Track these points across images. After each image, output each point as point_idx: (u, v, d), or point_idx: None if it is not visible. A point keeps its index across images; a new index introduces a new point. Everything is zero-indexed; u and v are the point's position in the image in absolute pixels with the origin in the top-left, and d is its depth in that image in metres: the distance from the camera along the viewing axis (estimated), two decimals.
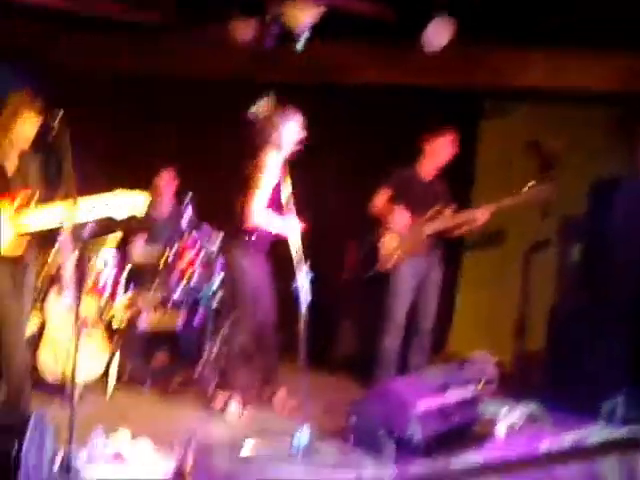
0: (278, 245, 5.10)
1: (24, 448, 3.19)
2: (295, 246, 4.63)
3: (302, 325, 4.50)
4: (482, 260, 6.63)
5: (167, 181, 6.53)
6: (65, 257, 5.01)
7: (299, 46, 5.82)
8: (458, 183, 6.22)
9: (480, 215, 5.69)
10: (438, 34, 5.72)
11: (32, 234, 4.46)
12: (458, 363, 5.99)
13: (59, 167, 3.98)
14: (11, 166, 4.48)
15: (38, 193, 4.49)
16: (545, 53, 6.08)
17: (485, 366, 6.06)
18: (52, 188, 4.57)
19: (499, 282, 6.51)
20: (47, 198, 4.48)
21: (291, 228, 4.75)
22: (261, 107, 5.07)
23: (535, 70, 6.21)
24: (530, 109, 6.63)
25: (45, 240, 5.72)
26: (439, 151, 5.80)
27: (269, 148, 5.02)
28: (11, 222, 4.35)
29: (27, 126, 4.37)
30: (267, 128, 5.06)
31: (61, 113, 3.97)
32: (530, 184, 5.67)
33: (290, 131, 5.02)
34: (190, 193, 6.13)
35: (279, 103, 5.09)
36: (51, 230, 5.13)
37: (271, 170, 4.99)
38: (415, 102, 6.57)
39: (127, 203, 4.14)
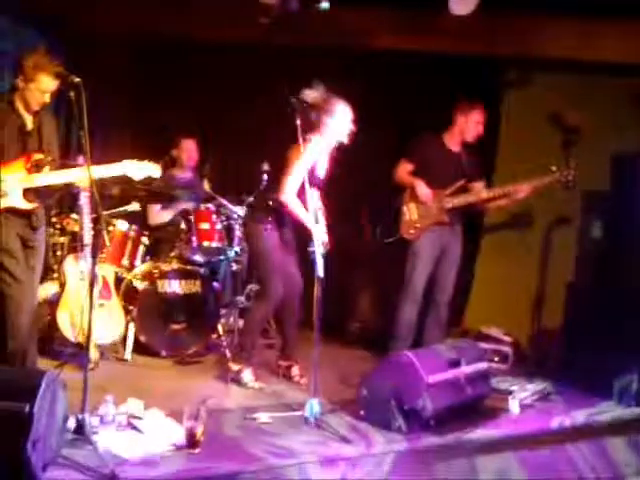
0: None
1: (35, 409, 3.20)
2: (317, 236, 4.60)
3: (317, 296, 4.46)
4: (502, 236, 6.56)
5: (185, 151, 6.55)
6: (84, 222, 5.09)
7: (324, 5, 5.77)
8: (481, 156, 6.15)
9: (522, 188, 5.61)
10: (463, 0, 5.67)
11: (41, 189, 4.50)
12: (473, 338, 5.99)
13: (76, 133, 4.01)
14: (29, 124, 4.51)
15: (51, 156, 4.53)
16: (575, 22, 5.98)
17: (500, 342, 6.07)
18: (67, 153, 4.65)
19: (518, 258, 6.44)
20: (61, 163, 4.55)
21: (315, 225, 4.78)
22: (311, 94, 5.00)
23: (565, 40, 6.12)
24: (556, 80, 6.50)
25: (64, 204, 5.86)
26: (471, 124, 5.74)
27: (314, 134, 4.98)
28: (21, 180, 4.41)
29: (44, 84, 4.36)
30: (315, 115, 5.00)
31: (78, 80, 3.99)
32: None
33: (339, 122, 4.97)
34: (208, 165, 6.15)
35: (329, 92, 5.01)
36: (71, 195, 5.26)
37: (311, 156, 4.96)
38: (438, 70, 6.51)
39: (141, 167, 4.53)
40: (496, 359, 5.98)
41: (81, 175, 4.45)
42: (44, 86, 4.36)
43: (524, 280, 6.39)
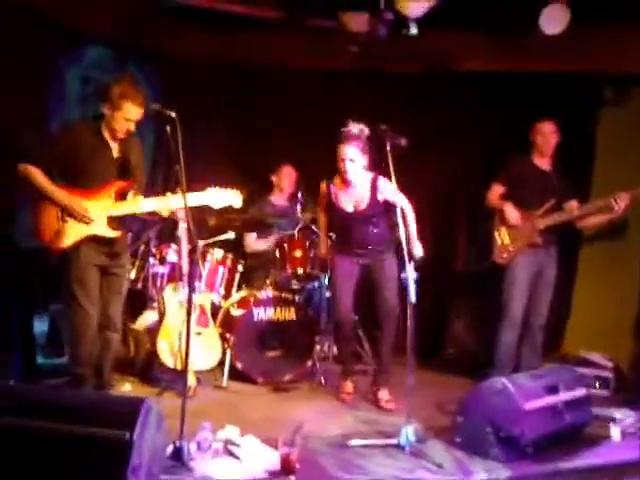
0: None
1: (135, 436, 3.29)
2: (404, 243, 4.59)
3: (410, 322, 4.45)
4: (600, 257, 6.36)
5: (285, 177, 6.66)
6: (182, 252, 5.24)
7: (413, 31, 5.80)
8: (576, 176, 6.04)
9: (621, 198, 5.43)
10: (554, 19, 5.61)
11: (126, 217, 4.71)
12: (572, 363, 5.83)
13: (167, 163, 4.14)
14: (115, 152, 4.69)
15: (137, 184, 4.72)
16: None
17: (601, 367, 5.90)
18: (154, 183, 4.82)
19: (619, 280, 6.23)
20: (148, 191, 4.75)
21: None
22: (358, 130, 5.09)
23: None
24: None
25: (164, 235, 6.04)
26: (543, 139, 5.70)
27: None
28: (107, 208, 4.59)
29: (129, 113, 4.53)
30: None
31: (174, 114, 4.13)
32: None
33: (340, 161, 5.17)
34: (301, 191, 6.24)
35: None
36: (171, 226, 5.43)
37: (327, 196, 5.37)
38: (530, 90, 6.44)
39: (224, 197, 4.73)
40: (597, 385, 5.81)
41: (166, 203, 4.60)
42: (129, 115, 4.54)
43: (625, 301, 6.16)
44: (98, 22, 6.27)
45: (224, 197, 4.75)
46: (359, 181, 5.21)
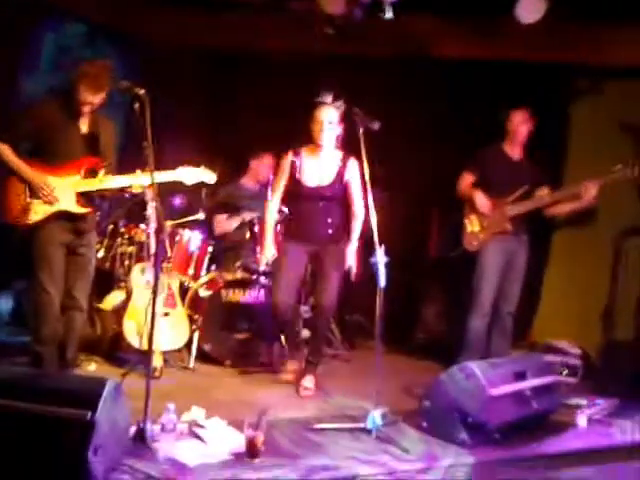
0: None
1: (97, 416, 3.23)
2: (374, 228, 4.55)
3: (378, 307, 4.42)
4: (571, 245, 6.41)
5: (265, 164, 6.59)
6: (150, 232, 5.16)
7: (388, 15, 5.75)
8: (549, 165, 6.04)
9: (589, 186, 5.43)
10: (531, 7, 5.60)
11: (94, 193, 4.66)
12: (541, 350, 5.86)
13: (138, 141, 4.08)
14: (84, 128, 4.62)
15: (107, 161, 4.66)
16: None
17: (569, 354, 5.92)
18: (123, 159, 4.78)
19: (588, 268, 6.27)
20: (115, 168, 4.70)
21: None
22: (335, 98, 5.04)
23: (636, 46, 5.96)
24: (628, 88, 6.31)
25: (132, 214, 5.98)
26: (516, 127, 5.68)
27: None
28: (75, 184, 4.54)
29: (82, 95, 4.47)
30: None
31: (142, 91, 4.07)
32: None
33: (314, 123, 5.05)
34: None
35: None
36: (139, 205, 5.36)
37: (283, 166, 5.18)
38: (507, 79, 6.43)
39: (196, 173, 4.72)
40: (565, 372, 5.82)
41: (133, 180, 4.54)
42: (83, 97, 4.49)
43: (594, 290, 6.20)
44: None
45: (196, 174, 4.72)
46: (330, 152, 5.11)
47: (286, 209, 5.53)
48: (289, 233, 5.31)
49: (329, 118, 5.00)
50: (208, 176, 4.77)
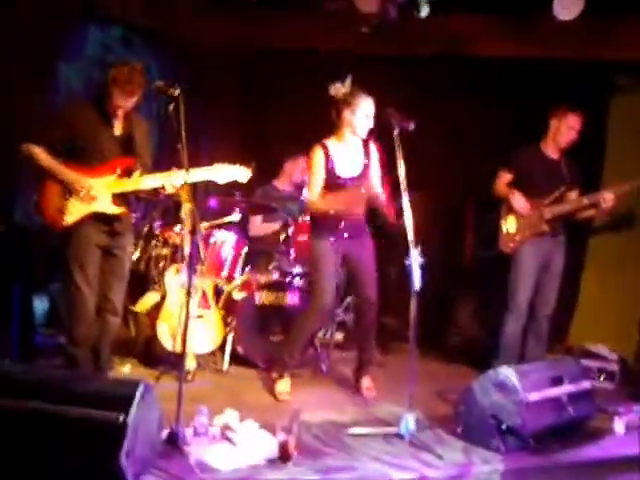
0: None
1: (130, 419, 3.24)
2: (408, 229, 4.50)
3: (413, 310, 4.38)
4: (609, 247, 6.29)
5: (299, 167, 6.57)
6: (184, 234, 5.18)
7: (423, 13, 5.71)
8: (587, 164, 5.95)
9: (606, 197, 5.41)
10: (568, 4, 5.53)
11: (130, 194, 4.68)
12: (578, 355, 5.78)
13: (172, 141, 4.09)
14: (117, 129, 4.65)
15: (142, 162, 4.67)
16: None
17: (606, 360, 5.83)
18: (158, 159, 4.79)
19: (627, 271, 6.16)
20: (150, 169, 4.70)
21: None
22: (336, 88, 4.97)
23: None
24: None
25: (168, 216, 6.00)
26: (565, 129, 5.55)
27: (335, 131, 5.02)
28: (110, 185, 4.55)
29: (116, 99, 4.48)
30: (336, 110, 4.98)
31: (178, 92, 4.07)
32: None
33: (358, 117, 4.91)
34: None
35: (356, 86, 4.95)
36: (176, 208, 5.38)
37: (321, 157, 4.96)
38: (543, 77, 6.35)
39: (230, 171, 4.63)
40: (602, 378, 5.75)
41: (169, 180, 4.54)
42: (117, 101, 4.50)
43: (632, 295, 6.09)
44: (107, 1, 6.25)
45: (230, 172, 4.66)
46: (353, 141, 5.03)
47: None
48: (321, 229, 5.08)
49: (371, 111, 4.93)
50: (243, 174, 4.72)
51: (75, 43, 6.29)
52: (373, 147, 5.06)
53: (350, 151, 5.03)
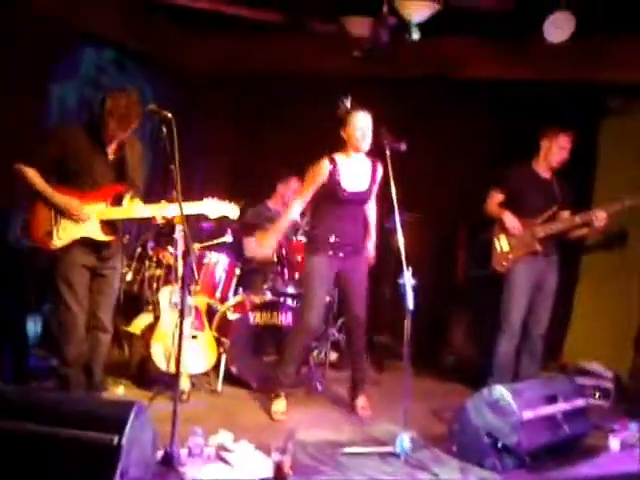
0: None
1: (124, 440, 3.23)
2: (401, 249, 4.52)
3: (407, 329, 4.38)
4: (602, 265, 6.32)
5: (290, 187, 6.59)
6: (177, 255, 5.17)
7: (415, 36, 5.76)
8: (578, 183, 5.98)
9: (599, 216, 5.44)
10: (559, 27, 5.57)
11: (118, 222, 4.67)
12: (572, 373, 5.78)
13: (165, 162, 4.09)
14: (110, 154, 4.64)
15: (134, 188, 4.67)
16: None
17: (601, 377, 5.84)
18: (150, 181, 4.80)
19: (620, 289, 6.19)
20: (142, 192, 4.71)
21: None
22: (341, 108, 5.01)
23: None
24: None
25: (161, 237, 6.00)
26: (556, 149, 5.59)
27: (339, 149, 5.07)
28: (100, 212, 4.55)
29: (111, 128, 4.48)
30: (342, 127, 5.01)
31: (170, 116, 4.08)
32: None
33: (352, 130, 4.95)
34: None
35: (354, 105, 4.98)
36: (169, 229, 5.37)
37: (318, 174, 5.00)
38: (534, 98, 6.39)
39: (220, 207, 4.71)
40: (596, 395, 5.75)
41: (159, 212, 4.56)
42: (113, 132, 4.50)
43: (625, 312, 6.11)
44: (101, 24, 6.28)
45: (220, 208, 4.72)
46: (361, 157, 5.06)
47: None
48: (316, 245, 5.09)
49: (369, 124, 4.96)
50: (232, 211, 4.76)
51: (70, 62, 6.32)
52: (380, 169, 5.07)
53: (357, 168, 5.06)
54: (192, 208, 4.58)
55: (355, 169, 5.05)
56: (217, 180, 4.80)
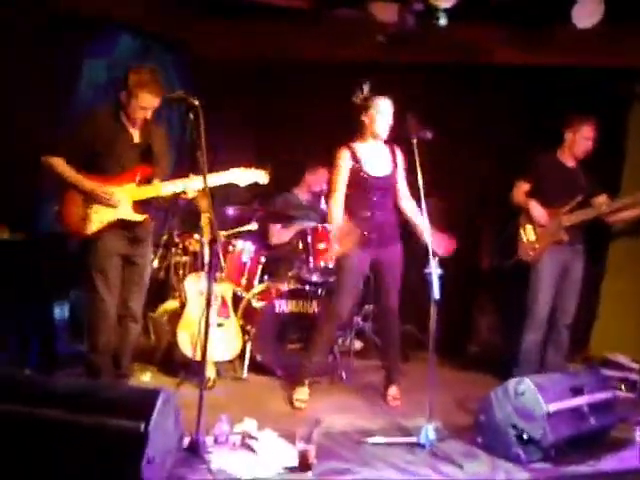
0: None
1: (150, 427, 3.25)
2: (427, 238, 4.50)
3: (432, 318, 4.37)
4: (629, 255, 6.26)
5: (320, 178, 6.59)
6: (203, 242, 5.20)
7: (442, 21, 5.71)
8: (606, 171, 5.93)
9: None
10: (588, 12, 5.51)
11: (150, 201, 4.68)
12: (599, 364, 5.74)
13: (192, 150, 4.10)
14: (136, 137, 4.68)
15: (161, 169, 4.70)
16: None
17: (628, 369, 5.79)
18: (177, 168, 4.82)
19: None
20: (169, 177, 4.71)
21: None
22: (358, 94, 4.99)
23: None
24: None
25: (187, 224, 6.02)
26: (580, 140, 5.55)
27: (357, 136, 5.04)
28: (130, 193, 4.58)
29: (145, 101, 4.51)
30: (357, 116, 4.99)
31: (197, 102, 4.09)
32: None
33: (376, 119, 4.94)
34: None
35: (374, 91, 4.95)
36: (195, 217, 5.40)
37: (345, 162, 4.96)
38: (561, 85, 6.34)
39: (249, 174, 4.72)
40: (622, 387, 5.70)
41: (189, 185, 4.57)
42: (144, 103, 4.52)
43: None
44: (124, 12, 6.28)
45: (249, 175, 4.72)
46: (381, 143, 5.04)
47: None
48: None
49: (388, 110, 4.94)
50: (261, 177, 4.76)
51: (105, 43, 6.37)
52: (400, 155, 5.06)
53: (376, 153, 5.03)
54: (221, 177, 4.62)
55: (375, 154, 5.03)
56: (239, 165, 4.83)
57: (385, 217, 5.02)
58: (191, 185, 4.58)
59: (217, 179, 4.59)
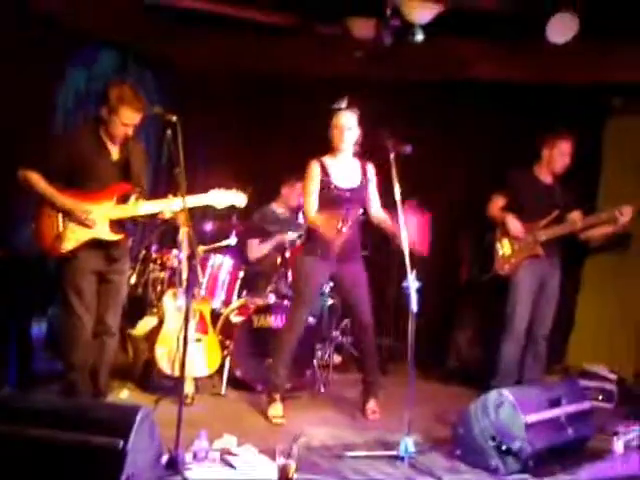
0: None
1: (129, 445, 3.23)
2: (405, 251, 4.52)
3: (410, 331, 4.39)
4: (605, 268, 6.34)
5: (295, 192, 6.58)
6: (181, 258, 5.18)
7: (418, 37, 5.76)
8: (583, 185, 5.99)
9: (624, 212, 5.38)
10: (562, 28, 5.56)
11: (127, 220, 4.67)
12: (576, 375, 5.78)
13: (170, 166, 4.10)
14: (115, 154, 4.65)
15: (139, 188, 4.67)
16: None
17: (605, 379, 5.84)
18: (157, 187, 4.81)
19: (623, 291, 6.20)
20: (150, 196, 4.70)
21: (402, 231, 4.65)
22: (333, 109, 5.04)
23: None
24: None
25: (165, 240, 6.01)
26: (557, 156, 5.59)
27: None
28: (108, 211, 4.54)
29: (126, 117, 4.47)
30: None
31: (175, 118, 4.09)
32: None
33: (335, 128, 4.99)
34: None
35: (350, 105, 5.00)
36: (173, 232, 5.39)
37: (315, 172, 5.01)
38: (538, 100, 6.40)
39: (227, 197, 4.70)
40: (600, 398, 5.75)
41: (166, 206, 4.56)
42: (126, 119, 4.48)
43: (629, 314, 6.13)
44: (102, 26, 6.28)
45: (227, 197, 4.73)
46: (349, 156, 5.07)
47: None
48: (307, 246, 5.15)
49: (348, 123, 4.97)
50: (239, 199, 4.77)
51: (86, 53, 6.40)
52: (371, 168, 5.09)
53: (345, 167, 5.07)
54: (200, 199, 4.60)
55: (343, 167, 5.07)
56: (218, 181, 4.80)
57: (349, 233, 4.92)
58: (169, 206, 4.57)
59: (196, 200, 4.57)
